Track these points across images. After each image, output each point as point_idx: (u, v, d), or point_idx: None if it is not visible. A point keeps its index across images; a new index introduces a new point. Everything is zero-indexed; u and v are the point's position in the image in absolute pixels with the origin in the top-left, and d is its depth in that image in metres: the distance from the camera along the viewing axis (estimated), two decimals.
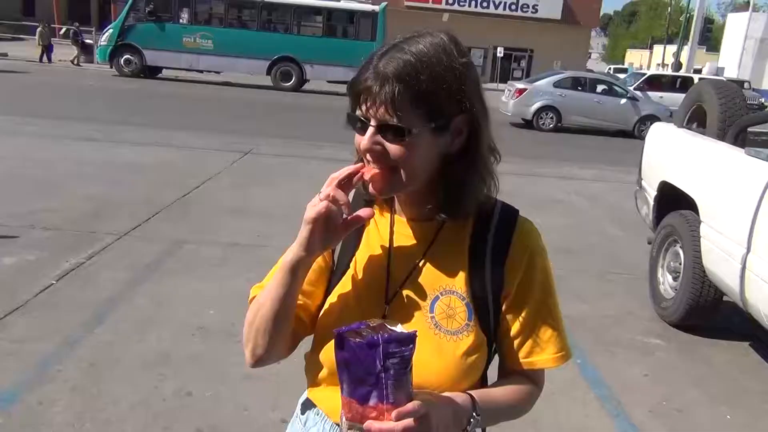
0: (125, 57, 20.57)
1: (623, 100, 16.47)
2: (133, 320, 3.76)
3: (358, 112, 1.05)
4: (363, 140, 1.02)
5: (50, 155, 8.00)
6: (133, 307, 3.96)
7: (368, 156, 1.05)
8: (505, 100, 16.55)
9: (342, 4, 22.52)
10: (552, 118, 15.91)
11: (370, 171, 1.05)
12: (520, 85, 16.43)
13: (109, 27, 21.36)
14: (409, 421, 0.90)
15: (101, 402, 2.92)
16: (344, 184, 1.04)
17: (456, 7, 35.84)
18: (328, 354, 1.12)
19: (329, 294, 1.17)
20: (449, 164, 1.08)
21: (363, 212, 1.07)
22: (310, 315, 1.18)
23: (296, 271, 1.08)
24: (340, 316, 1.13)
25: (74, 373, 3.14)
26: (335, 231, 1.05)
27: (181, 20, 20.89)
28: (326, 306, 1.17)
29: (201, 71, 21.62)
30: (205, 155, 8.85)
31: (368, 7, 22.48)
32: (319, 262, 1.17)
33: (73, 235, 5.13)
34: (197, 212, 6.11)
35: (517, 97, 15.97)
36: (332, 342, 1.11)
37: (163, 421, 2.82)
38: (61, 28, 28.95)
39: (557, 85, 16.25)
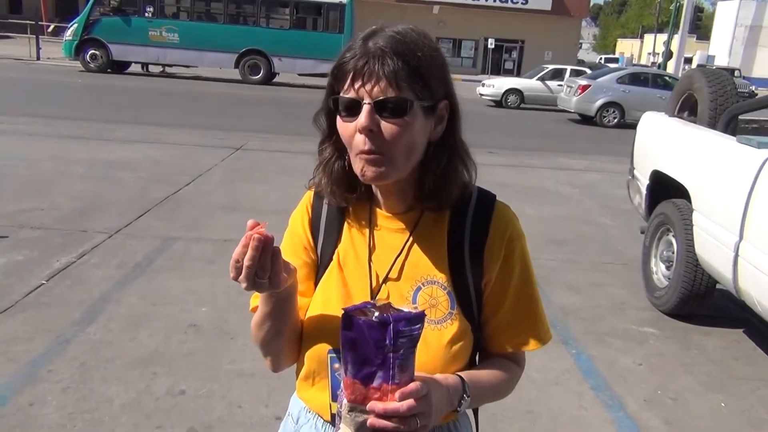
0: (90, 52, 20.43)
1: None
2: (124, 319, 3.73)
3: (344, 95, 1.02)
4: (360, 120, 0.99)
5: (38, 154, 7.93)
6: (125, 305, 3.92)
7: (358, 142, 1.01)
8: (565, 96, 16.82)
9: None
10: (615, 114, 15.89)
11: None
12: (583, 82, 16.52)
13: (73, 21, 21.16)
14: (411, 401, 0.90)
15: (93, 402, 2.89)
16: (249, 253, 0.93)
17: None
18: (315, 351, 1.12)
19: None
20: (434, 152, 1.08)
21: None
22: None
23: (269, 300, 1.06)
24: (325, 312, 1.13)
25: (65, 373, 3.11)
26: (275, 269, 0.95)
27: (146, 14, 20.78)
28: (312, 302, 1.16)
29: (168, 65, 21.53)
30: (196, 152, 8.80)
31: None
32: (305, 258, 1.17)
33: (63, 234, 5.09)
34: (188, 209, 6.07)
35: (581, 93, 16.06)
36: (317, 340, 1.11)
37: (156, 420, 2.80)
38: (49, 26, 28.71)
39: (620, 81, 16.26)
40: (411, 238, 1.13)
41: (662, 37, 40.63)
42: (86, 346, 3.39)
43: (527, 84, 19.32)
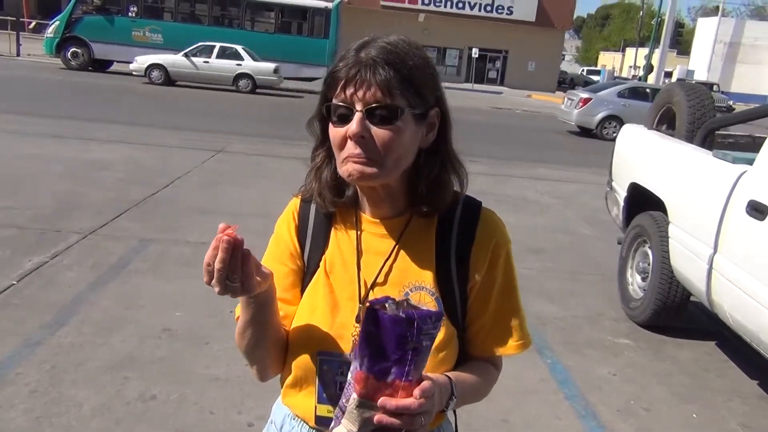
0: (72, 50, 20.27)
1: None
2: (96, 322, 3.67)
3: (336, 101, 1.04)
4: (351, 126, 1.01)
5: (14, 152, 7.80)
6: (98, 308, 3.86)
7: (348, 147, 1.02)
8: (565, 108, 16.98)
9: (295, 1, 22.48)
10: (616, 127, 16.04)
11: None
12: (584, 95, 16.65)
13: (55, 19, 20.99)
14: (423, 399, 0.91)
15: (62, 406, 2.84)
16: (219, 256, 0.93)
17: (432, 7, 36.00)
18: (303, 357, 1.12)
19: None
20: (425, 158, 1.10)
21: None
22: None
23: (248, 306, 1.06)
24: (312, 318, 1.13)
25: (34, 376, 3.05)
26: (246, 272, 0.95)
27: (130, 14, 20.65)
28: (298, 309, 1.16)
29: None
30: (176, 153, 8.72)
31: (321, 3, 22.47)
32: (291, 266, 1.17)
33: (37, 234, 5.01)
34: (166, 211, 6.01)
35: (582, 106, 16.21)
36: (305, 347, 1.12)
37: (126, 425, 2.75)
38: (30, 22, 28.36)
39: (621, 94, 16.44)
40: (398, 244, 1.14)
41: (643, 51, 41.20)
42: (57, 349, 3.32)
43: (171, 59, 18.74)
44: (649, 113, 5.57)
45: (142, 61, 18.64)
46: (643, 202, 4.53)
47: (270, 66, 18.89)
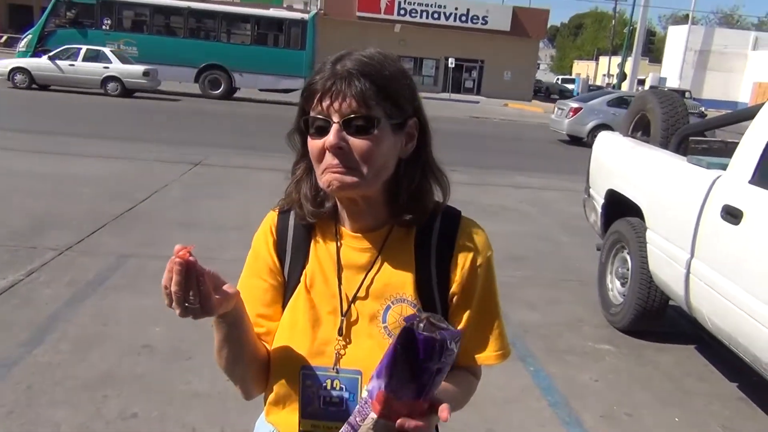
0: None
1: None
2: (74, 339, 3.61)
3: (313, 114, 1.04)
4: (329, 138, 1.01)
5: None
6: (75, 325, 3.80)
7: (327, 159, 1.03)
8: (556, 118, 17.19)
9: (271, 12, 22.54)
10: None
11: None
12: (574, 104, 16.84)
13: (28, 32, 20.75)
14: (433, 418, 0.93)
15: (39, 426, 2.78)
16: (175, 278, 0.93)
17: (408, 18, 36.20)
18: (285, 373, 1.12)
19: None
20: (405, 168, 1.10)
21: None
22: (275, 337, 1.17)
23: (220, 326, 1.06)
24: (293, 333, 1.13)
25: (10, 397, 2.98)
26: (203, 292, 0.94)
27: (104, 26, 20.48)
28: (279, 325, 1.15)
29: None
30: (154, 166, 8.64)
31: (297, 15, 22.55)
32: (270, 281, 1.17)
33: (11, 251, 4.91)
34: (145, 225, 5.94)
35: (572, 116, 16.38)
36: (287, 363, 1.11)
37: None
38: (2, 36, 27.97)
39: (610, 104, 16.65)
40: (379, 257, 1.14)
41: (616, 60, 41.83)
42: (33, 369, 3.25)
43: (35, 63, 18.36)
44: (624, 120, 5.65)
45: (5, 64, 18.31)
46: (620, 208, 4.58)
47: (139, 69, 18.56)
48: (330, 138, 1.01)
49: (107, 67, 18.31)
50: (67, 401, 2.99)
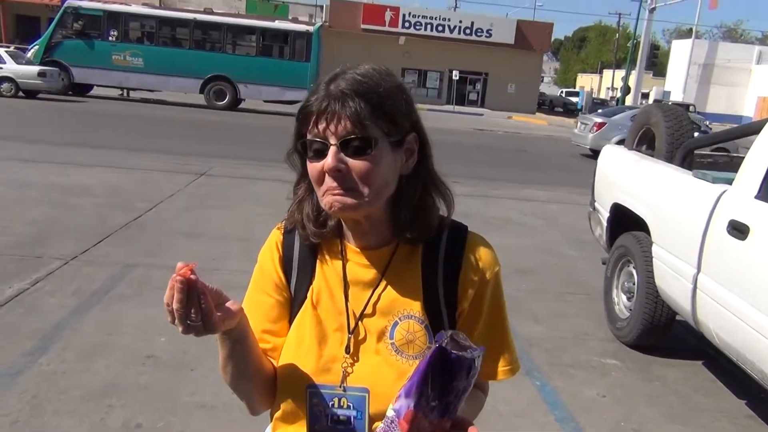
0: None
1: (696, 134, 17.05)
2: (79, 349, 3.61)
3: (310, 137, 1.03)
4: (327, 161, 1.01)
5: None
6: (80, 334, 3.79)
7: (327, 181, 1.03)
8: (579, 132, 17.39)
9: (276, 24, 22.70)
10: None
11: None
12: (598, 119, 16.93)
13: (35, 43, 20.93)
14: None
15: None
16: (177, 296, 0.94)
17: (412, 30, 36.39)
18: (292, 390, 1.11)
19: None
20: (407, 184, 1.09)
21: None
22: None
23: (224, 343, 1.06)
24: (299, 350, 1.12)
25: (15, 406, 2.97)
26: (205, 310, 0.95)
27: (110, 38, 20.63)
28: (285, 342, 1.15)
29: (131, 89, 21.37)
30: (158, 177, 8.67)
31: (302, 27, 22.70)
32: (277, 297, 1.16)
33: (17, 260, 4.92)
34: (149, 235, 5.94)
35: (597, 131, 16.45)
36: (294, 381, 1.11)
37: None
38: (9, 47, 28.13)
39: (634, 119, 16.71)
40: (385, 273, 1.13)
41: (620, 73, 41.97)
42: (38, 378, 3.25)
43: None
44: (628, 134, 5.66)
45: None
46: (625, 222, 4.58)
47: (34, 69, 18.28)
48: (328, 161, 1.00)
49: (0, 68, 18.03)
50: (71, 411, 2.98)
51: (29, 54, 20.48)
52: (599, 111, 19.03)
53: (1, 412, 2.92)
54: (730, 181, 3.54)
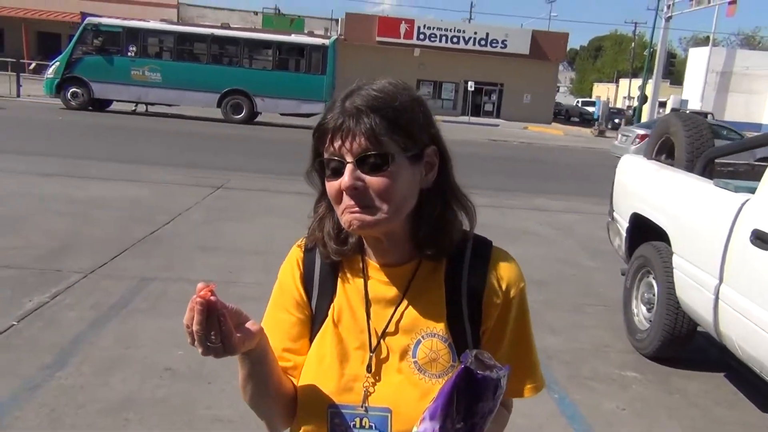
0: (72, 90, 20.49)
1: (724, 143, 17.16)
2: (97, 362, 3.63)
3: (326, 155, 1.03)
4: (344, 179, 0.99)
5: (14, 191, 7.81)
6: (98, 348, 3.82)
7: (345, 200, 1.01)
8: (620, 144, 17.53)
9: (292, 38, 22.87)
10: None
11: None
12: (641, 131, 17.03)
13: (55, 60, 21.25)
14: None
15: None
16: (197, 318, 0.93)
17: (427, 42, 36.47)
18: (313, 410, 1.09)
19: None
20: (427, 198, 1.07)
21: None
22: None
23: (243, 363, 1.05)
24: (320, 369, 1.10)
25: (33, 420, 2.99)
26: (225, 331, 0.94)
27: (129, 53, 20.91)
28: (306, 360, 1.13)
29: (150, 104, 21.62)
30: (176, 190, 8.74)
31: (318, 41, 22.83)
32: (298, 315, 1.15)
33: (37, 274, 4.97)
34: (167, 249, 5.98)
35: (640, 142, 16.44)
36: (314, 400, 1.09)
37: None
38: (31, 63, 28.68)
39: None
40: (408, 291, 1.11)
41: (637, 82, 41.67)
42: (57, 391, 3.27)
43: None
44: (647, 144, 5.60)
45: None
46: (645, 232, 4.52)
47: None
48: (345, 179, 0.99)
49: None
50: (89, 425, 2.99)
51: (50, 70, 20.81)
52: (640, 123, 19.01)
53: (20, 426, 2.93)
54: (752, 190, 3.48)
